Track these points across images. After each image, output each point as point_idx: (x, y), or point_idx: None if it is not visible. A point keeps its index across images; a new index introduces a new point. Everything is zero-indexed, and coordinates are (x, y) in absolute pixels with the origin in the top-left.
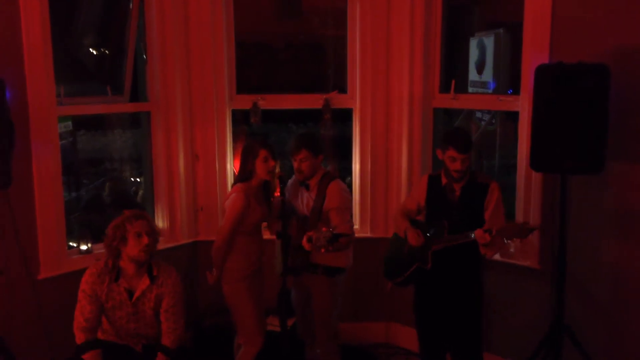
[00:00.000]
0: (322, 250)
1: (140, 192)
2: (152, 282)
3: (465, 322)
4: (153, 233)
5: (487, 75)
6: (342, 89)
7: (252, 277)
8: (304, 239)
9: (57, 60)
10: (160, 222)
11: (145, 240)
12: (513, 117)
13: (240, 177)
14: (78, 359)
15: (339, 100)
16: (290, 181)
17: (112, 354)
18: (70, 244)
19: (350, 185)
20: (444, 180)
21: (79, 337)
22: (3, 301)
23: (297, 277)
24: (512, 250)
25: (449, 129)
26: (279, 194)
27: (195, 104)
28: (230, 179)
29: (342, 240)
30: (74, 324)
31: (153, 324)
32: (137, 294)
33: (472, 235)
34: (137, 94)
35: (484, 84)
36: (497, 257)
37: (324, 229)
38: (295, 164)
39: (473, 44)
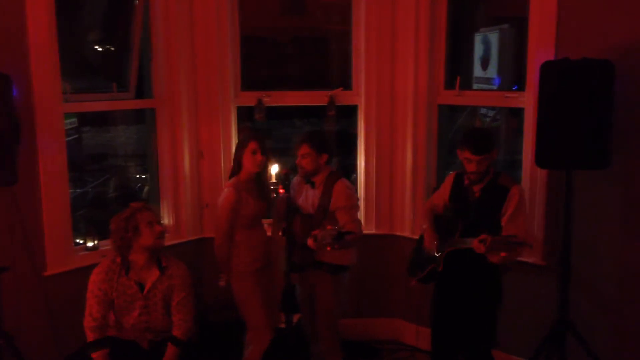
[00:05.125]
0: (328, 248)
1: (146, 189)
2: (162, 273)
3: (478, 325)
4: (161, 223)
5: (492, 71)
6: (347, 85)
7: (260, 272)
8: (309, 238)
9: (62, 57)
10: (166, 219)
11: (158, 227)
12: (518, 113)
13: (232, 171)
14: (87, 356)
15: (343, 97)
16: (295, 179)
17: (118, 350)
18: (77, 240)
19: (354, 182)
20: (466, 180)
21: (89, 336)
22: (10, 297)
23: (302, 274)
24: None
25: (468, 129)
26: (283, 191)
27: (200, 101)
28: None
29: (348, 238)
30: (84, 323)
31: (164, 316)
32: (148, 286)
33: (469, 243)
34: (142, 90)
35: (488, 80)
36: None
37: (329, 227)
38: (297, 160)
39: (478, 39)
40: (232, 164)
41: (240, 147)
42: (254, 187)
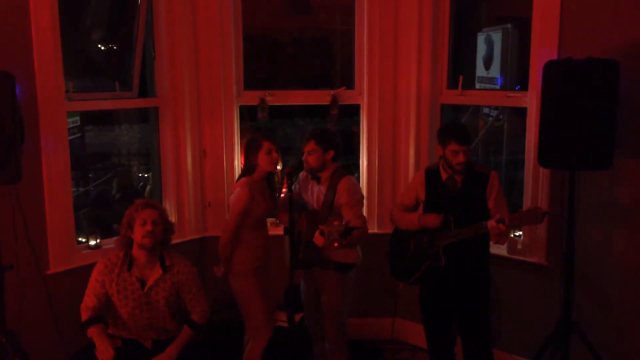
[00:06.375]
0: (335, 244)
1: (148, 188)
2: (165, 272)
3: (476, 315)
4: (162, 222)
5: (495, 70)
6: (350, 84)
7: (260, 270)
8: (317, 234)
9: (66, 55)
10: (169, 218)
11: (147, 227)
12: (520, 112)
13: (244, 172)
14: (92, 355)
15: (346, 96)
16: (302, 175)
17: (120, 349)
18: (79, 239)
19: (357, 181)
20: (443, 175)
21: (83, 316)
22: (13, 296)
23: (307, 271)
24: (519, 246)
25: (444, 125)
26: (286, 189)
27: (203, 100)
28: (237, 175)
29: (354, 234)
30: (80, 306)
31: (166, 314)
32: (149, 283)
33: (483, 228)
34: (146, 89)
35: (491, 80)
36: (504, 253)
37: (335, 222)
38: (304, 156)
39: (481, 39)
40: (242, 165)
41: (255, 148)
42: (265, 187)
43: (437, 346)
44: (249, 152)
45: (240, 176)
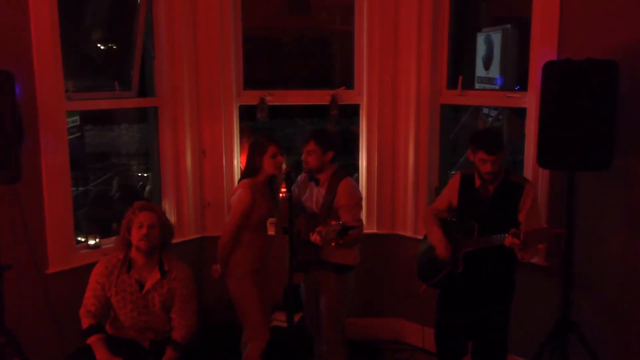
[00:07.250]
0: (333, 244)
1: (148, 187)
2: (163, 277)
3: (491, 325)
4: (159, 225)
5: (494, 71)
6: (349, 84)
7: (257, 272)
8: (314, 233)
9: (65, 55)
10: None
11: (143, 230)
12: (520, 113)
13: (246, 173)
14: (87, 356)
15: (346, 96)
16: (300, 177)
17: (118, 348)
18: (79, 238)
19: (356, 182)
20: (477, 181)
21: (84, 323)
22: (12, 295)
23: (307, 273)
24: None
25: (477, 130)
26: (285, 189)
27: (203, 100)
28: (237, 175)
29: (351, 234)
30: (80, 311)
31: (163, 317)
32: (147, 286)
33: (501, 239)
34: (145, 89)
35: (491, 80)
36: None
37: (333, 222)
38: (303, 156)
39: (480, 39)
40: (243, 165)
41: (260, 152)
42: (267, 189)
43: (447, 353)
44: (254, 155)
45: (242, 177)
